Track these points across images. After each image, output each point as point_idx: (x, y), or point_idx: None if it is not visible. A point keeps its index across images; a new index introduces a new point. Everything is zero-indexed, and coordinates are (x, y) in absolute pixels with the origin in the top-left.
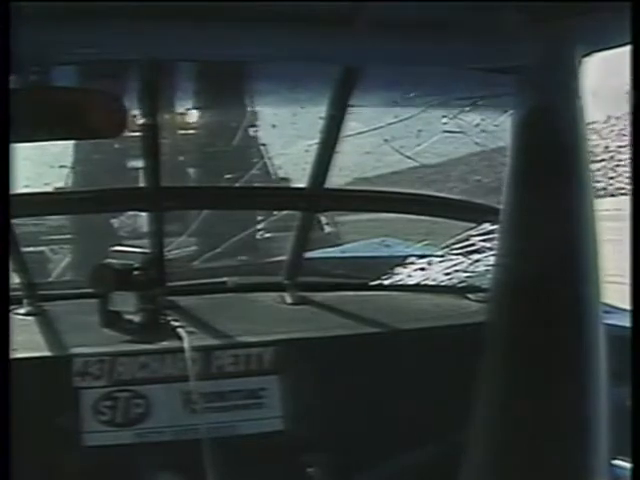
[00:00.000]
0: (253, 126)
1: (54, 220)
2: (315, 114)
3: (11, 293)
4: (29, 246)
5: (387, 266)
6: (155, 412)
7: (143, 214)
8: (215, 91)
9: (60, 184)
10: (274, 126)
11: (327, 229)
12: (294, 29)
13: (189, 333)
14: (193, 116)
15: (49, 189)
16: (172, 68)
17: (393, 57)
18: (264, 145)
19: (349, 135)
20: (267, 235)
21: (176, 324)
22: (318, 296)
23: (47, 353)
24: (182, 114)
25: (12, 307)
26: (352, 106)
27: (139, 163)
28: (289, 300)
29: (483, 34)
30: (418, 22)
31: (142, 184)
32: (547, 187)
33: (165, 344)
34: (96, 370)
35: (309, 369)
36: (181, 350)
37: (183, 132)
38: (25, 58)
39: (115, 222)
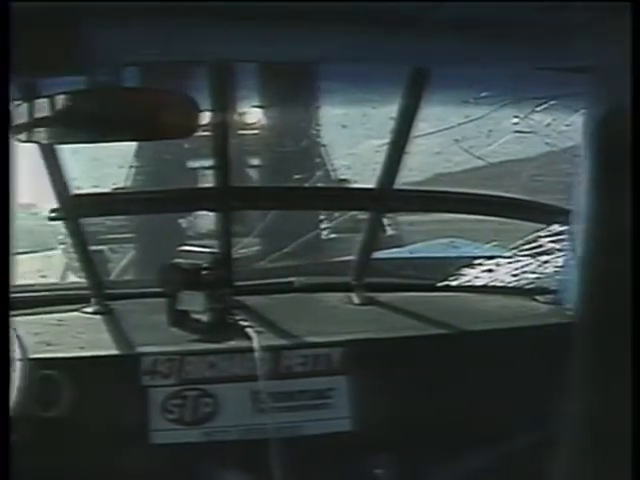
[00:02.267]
0: (321, 126)
1: (114, 219)
2: (386, 114)
3: (78, 292)
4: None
5: (454, 267)
6: (223, 411)
7: (210, 214)
8: (280, 91)
9: (128, 184)
10: (344, 126)
11: (389, 230)
12: (365, 29)
13: (257, 333)
14: (257, 116)
15: (117, 189)
16: (237, 68)
17: (465, 57)
18: (332, 145)
19: (419, 135)
20: (332, 236)
21: (245, 324)
22: (385, 297)
23: (115, 352)
24: (246, 114)
25: (79, 305)
26: (423, 106)
27: (206, 163)
28: (356, 300)
29: (553, 33)
30: (489, 22)
31: (208, 184)
32: (625, 186)
33: (233, 343)
34: (165, 369)
35: (377, 370)
36: (250, 350)
37: (248, 132)
38: (94, 59)
39: (183, 222)
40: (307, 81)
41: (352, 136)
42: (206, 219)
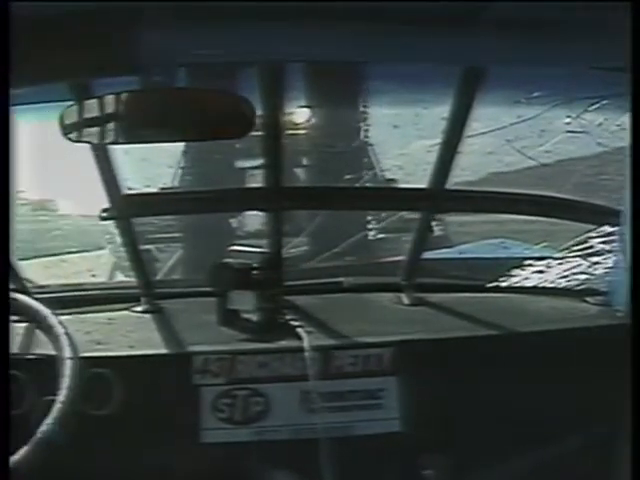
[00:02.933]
0: (371, 126)
1: (161, 219)
2: (438, 114)
3: (127, 291)
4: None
5: (505, 268)
6: (273, 410)
7: (259, 214)
8: (329, 91)
9: (177, 184)
10: (396, 126)
11: (439, 231)
12: (417, 29)
13: (307, 333)
14: (306, 116)
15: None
16: (287, 68)
17: (516, 57)
18: (383, 145)
19: (471, 135)
20: (381, 236)
21: (295, 323)
22: (435, 297)
23: (165, 350)
24: (295, 114)
25: (129, 305)
26: (475, 106)
27: (254, 163)
28: (406, 301)
29: (605, 32)
30: (541, 22)
31: (256, 184)
32: None
33: (284, 343)
34: (215, 368)
35: (427, 370)
36: (300, 349)
37: (296, 132)
38: (147, 59)
39: (232, 221)
40: (357, 81)
41: (403, 136)
42: (256, 219)
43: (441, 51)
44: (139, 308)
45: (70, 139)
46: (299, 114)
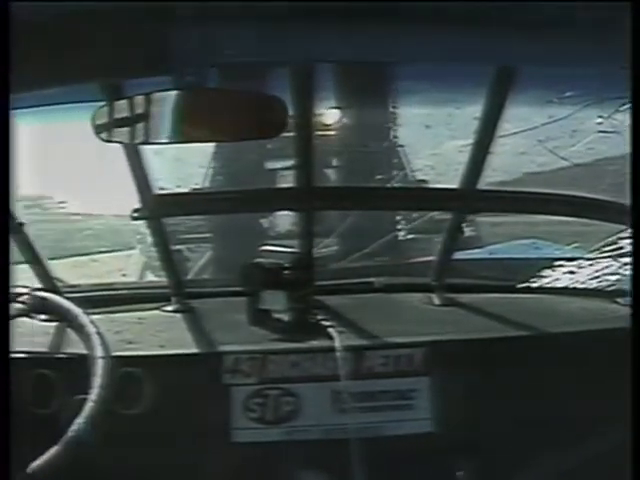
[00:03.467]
0: (402, 127)
1: (191, 219)
2: (470, 114)
3: (157, 290)
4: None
5: (536, 268)
6: (304, 410)
7: (290, 214)
8: (360, 92)
9: (209, 184)
10: (428, 127)
11: (470, 231)
12: (449, 29)
13: (338, 333)
14: (336, 117)
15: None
16: (318, 69)
17: (548, 57)
18: (415, 146)
19: (503, 135)
20: (411, 236)
21: (326, 323)
22: (466, 298)
23: (196, 350)
24: (325, 115)
25: (159, 304)
26: (507, 106)
27: (285, 163)
28: (437, 301)
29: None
30: (572, 21)
31: (287, 184)
32: None
33: (315, 343)
34: (246, 367)
35: (458, 371)
36: (331, 349)
37: (327, 133)
38: (180, 59)
39: (263, 221)
40: (388, 82)
41: (435, 136)
42: (286, 219)
43: (474, 51)
44: (169, 308)
45: (102, 139)
46: (330, 115)
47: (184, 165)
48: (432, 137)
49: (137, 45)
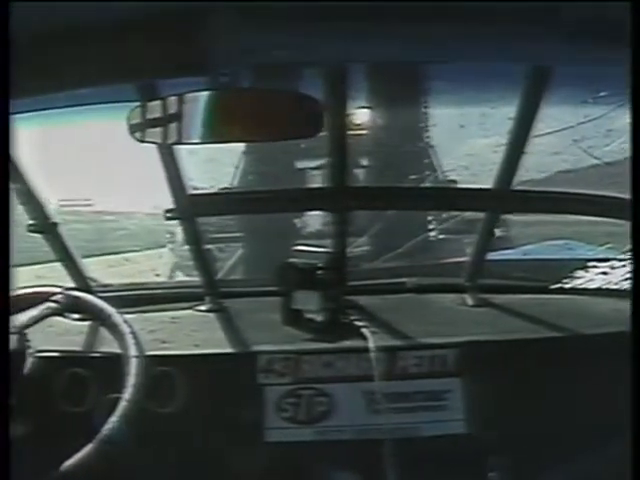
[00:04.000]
0: (435, 126)
1: (222, 219)
2: (504, 114)
3: (190, 290)
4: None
5: (568, 269)
6: (337, 411)
7: (322, 214)
8: (394, 92)
9: (242, 184)
10: (462, 126)
11: (503, 232)
12: (483, 29)
13: (372, 333)
14: (368, 117)
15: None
16: (350, 69)
17: (583, 56)
18: (449, 145)
19: (537, 135)
20: (443, 236)
21: (359, 324)
22: (499, 298)
23: (229, 349)
24: (357, 115)
25: (192, 304)
26: (541, 106)
27: (317, 163)
28: (470, 302)
29: None
30: (606, 20)
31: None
32: None
33: (348, 343)
34: (280, 367)
35: (492, 372)
36: (365, 350)
37: (359, 132)
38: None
39: (296, 221)
40: (421, 81)
41: (470, 136)
42: (318, 218)
43: (508, 51)
44: (203, 307)
45: (137, 139)
46: (363, 114)
47: (219, 165)
48: (466, 137)
49: (172, 45)
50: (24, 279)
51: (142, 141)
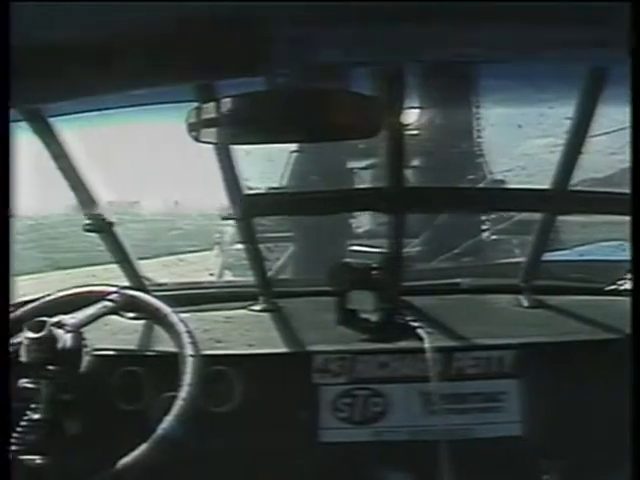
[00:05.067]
0: (494, 126)
1: (272, 219)
2: (561, 114)
3: (244, 289)
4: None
5: (623, 271)
6: (393, 411)
7: (376, 214)
8: (450, 91)
9: (297, 184)
10: (520, 126)
11: (559, 232)
12: (541, 28)
13: (427, 333)
14: (424, 116)
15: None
16: (403, 69)
17: None
18: (505, 145)
19: (594, 135)
20: (499, 237)
21: (414, 324)
22: (554, 300)
23: (284, 349)
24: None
25: (246, 303)
26: (599, 106)
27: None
28: (525, 303)
29: None
30: None
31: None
32: None
33: (403, 344)
34: (335, 367)
35: (548, 374)
36: (420, 350)
37: (415, 133)
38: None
39: (351, 221)
40: (478, 81)
41: (527, 137)
42: (372, 219)
43: (566, 50)
44: (257, 307)
45: (195, 139)
46: (419, 115)
47: (275, 166)
48: (523, 137)
49: (231, 46)
50: (80, 279)
51: (200, 141)
